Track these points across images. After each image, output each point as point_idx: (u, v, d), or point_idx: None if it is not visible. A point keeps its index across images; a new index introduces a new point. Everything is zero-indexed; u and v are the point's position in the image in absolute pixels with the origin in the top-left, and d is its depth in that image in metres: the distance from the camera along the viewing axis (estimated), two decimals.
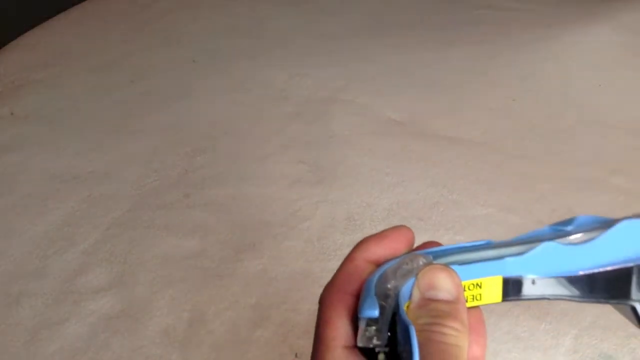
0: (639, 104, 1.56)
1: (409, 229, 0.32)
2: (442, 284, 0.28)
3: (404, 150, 1.38)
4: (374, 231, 1.25)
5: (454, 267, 0.29)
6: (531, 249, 0.29)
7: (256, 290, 1.05)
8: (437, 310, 0.27)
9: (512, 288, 0.29)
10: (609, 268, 0.28)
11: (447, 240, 1.14)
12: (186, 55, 1.82)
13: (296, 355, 0.94)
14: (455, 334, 0.27)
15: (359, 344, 0.28)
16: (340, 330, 0.29)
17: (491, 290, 0.29)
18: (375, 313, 0.28)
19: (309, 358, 0.28)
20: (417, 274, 0.29)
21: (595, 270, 0.28)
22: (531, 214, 1.19)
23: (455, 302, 0.28)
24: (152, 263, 1.11)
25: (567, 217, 0.30)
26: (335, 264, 1.10)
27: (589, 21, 1.84)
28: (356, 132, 1.45)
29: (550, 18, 1.95)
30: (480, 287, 0.29)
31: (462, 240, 1.16)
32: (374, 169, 1.32)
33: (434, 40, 1.86)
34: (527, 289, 0.29)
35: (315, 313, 0.30)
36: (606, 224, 0.28)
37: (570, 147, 1.39)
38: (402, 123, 1.49)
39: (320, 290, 0.31)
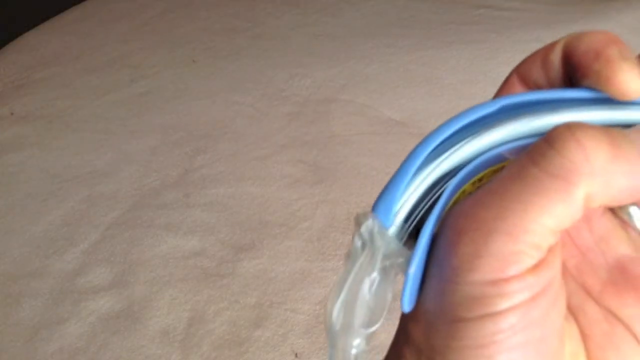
0: None
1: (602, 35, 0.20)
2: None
3: (404, 150, 1.38)
4: None
5: None
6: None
7: (256, 290, 1.05)
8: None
9: None
10: None
11: None
12: (186, 55, 1.82)
13: (296, 355, 0.94)
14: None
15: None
16: None
17: None
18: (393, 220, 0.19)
19: (309, 358, 0.27)
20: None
21: None
22: None
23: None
24: (152, 263, 1.11)
25: None
26: (335, 264, 1.11)
27: (589, 21, 1.84)
28: (356, 132, 1.45)
29: (550, 18, 1.95)
30: None
31: None
32: (374, 169, 1.32)
33: (434, 40, 1.86)
34: None
35: (315, 313, 0.29)
36: None
37: None
38: (402, 123, 1.49)
39: (320, 291, 0.29)
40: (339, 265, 1.09)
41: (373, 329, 0.19)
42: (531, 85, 0.22)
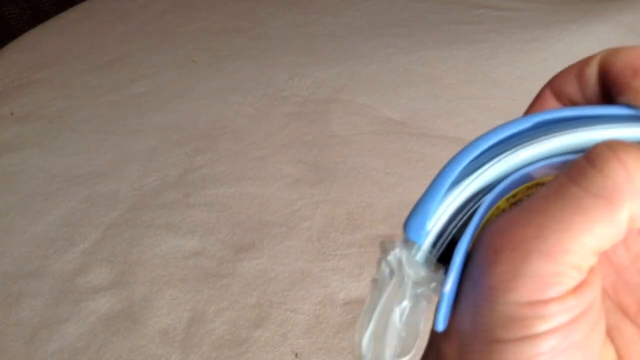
0: None
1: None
2: None
3: (404, 150, 1.38)
4: (374, 231, 1.25)
5: None
6: None
7: (256, 290, 1.05)
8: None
9: None
10: None
11: None
12: (186, 55, 1.82)
13: (296, 355, 0.94)
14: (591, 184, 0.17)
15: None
16: None
17: None
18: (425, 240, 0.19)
19: (309, 358, 0.26)
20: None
21: None
22: None
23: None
24: (152, 263, 1.11)
25: None
26: (335, 264, 1.11)
27: (589, 21, 1.84)
28: (356, 132, 1.45)
29: (550, 18, 1.95)
30: None
31: None
32: (374, 169, 1.32)
33: (434, 40, 1.86)
34: None
35: (315, 313, 0.29)
36: None
37: None
38: (402, 123, 1.49)
39: (320, 291, 0.29)
40: (339, 265, 1.09)
41: (405, 359, 0.19)
42: (565, 101, 0.21)
